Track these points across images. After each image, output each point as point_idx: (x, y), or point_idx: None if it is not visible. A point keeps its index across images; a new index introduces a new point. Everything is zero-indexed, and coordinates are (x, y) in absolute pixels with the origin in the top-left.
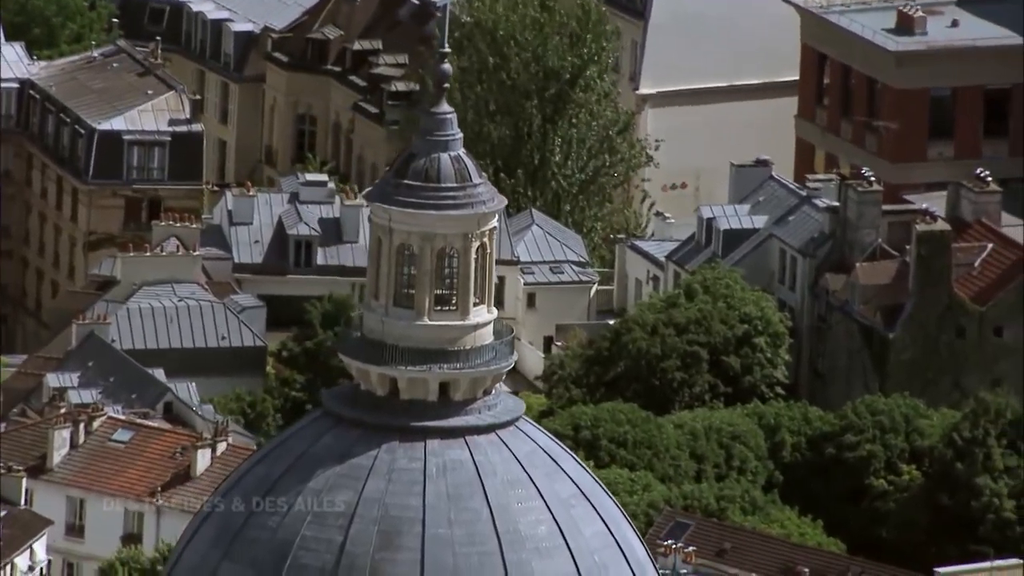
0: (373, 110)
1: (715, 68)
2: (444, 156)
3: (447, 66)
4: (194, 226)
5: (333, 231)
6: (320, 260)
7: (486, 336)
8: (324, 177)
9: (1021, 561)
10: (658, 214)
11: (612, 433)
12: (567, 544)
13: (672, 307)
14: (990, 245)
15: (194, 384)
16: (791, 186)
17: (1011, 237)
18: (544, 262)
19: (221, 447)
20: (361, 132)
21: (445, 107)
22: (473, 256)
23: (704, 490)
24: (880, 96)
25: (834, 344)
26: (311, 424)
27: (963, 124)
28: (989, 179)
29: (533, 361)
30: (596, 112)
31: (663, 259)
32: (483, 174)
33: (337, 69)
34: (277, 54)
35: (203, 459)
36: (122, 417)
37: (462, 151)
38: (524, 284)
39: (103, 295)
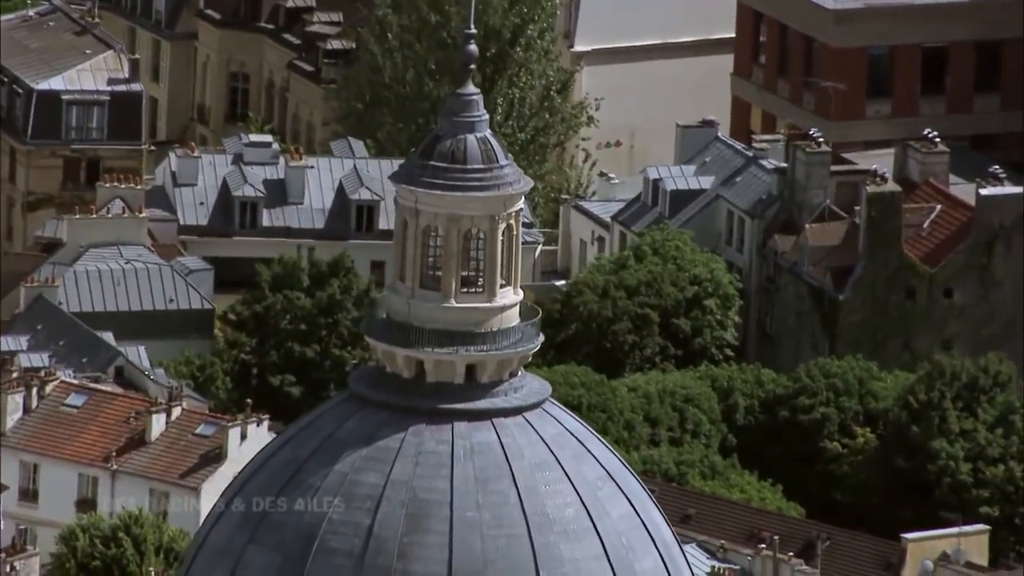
0: (309, 68)
1: (650, 25)
2: (471, 137)
3: (473, 47)
4: (139, 187)
5: (278, 192)
6: (266, 222)
7: (512, 318)
8: (268, 138)
9: (987, 527)
10: (602, 174)
11: (566, 396)
12: (595, 526)
13: (622, 269)
14: (939, 206)
15: (143, 348)
16: (737, 147)
17: (960, 198)
18: None
19: (176, 412)
20: (296, 91)
21: (471, 88)
22: (500, 238)
23: (663, 455)
24: (818, 54)
25: (783, 306)
26: (336, 407)
27: (901, 82)
28: (937, 140)
29: None
30: (537, 71)
31: (608, 220)
32: (509, 155)
33: (270, 26)
34: (209, 11)
35: (158, 424)
36: (75, 382)
37: (488, 132)
38: None
39: (49, 257)
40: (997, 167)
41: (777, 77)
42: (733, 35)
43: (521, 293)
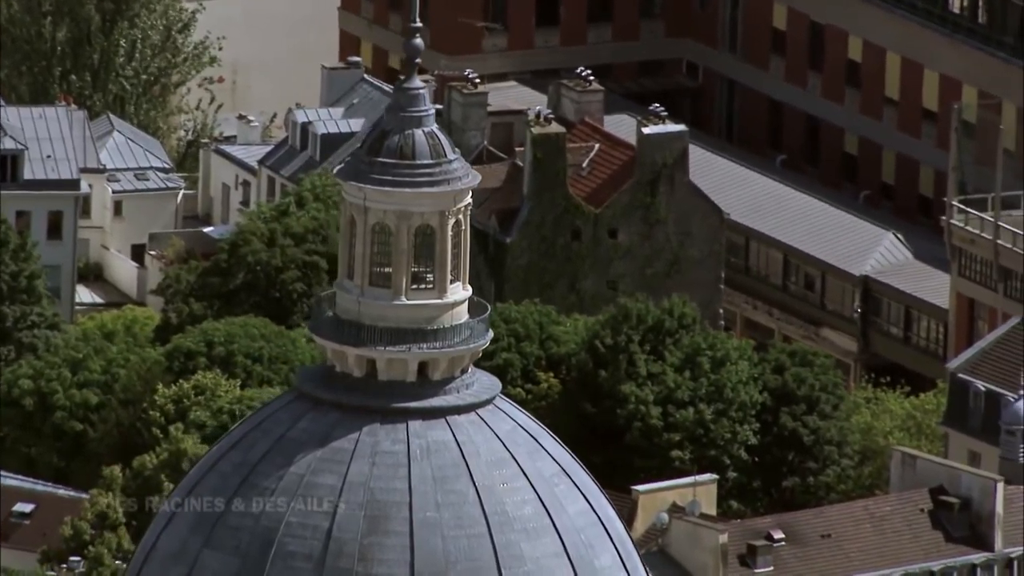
0: None
1: None
2: (418, 132)
3: (419, 41)
4: None
5: None
6: None
7: (462, 314)
8: None
9: (716, 476)
10: (241, 117)
11: (247, 349)
12: (553, 524)
13: (284, 216)
14: (597, 145)
15: None
16: (385, 88)
17: (619, 137)
18: (128, 169)
19: None
20: None
21: (417, 82)
22: (450, 233)
23: None
24: None
25: None
26: (286, 407)
27: (516, 15)
28: (592, 78)
29: (125, 271)
30: (159, 11)
31: (254, 164)
32: (457, 150)
33: None
34: None
35: None
36: None
37: (435, 127)
38: (112, 193)
39: None
40: (657, 105)
41: (389, 11)
42: None
43: (470, 289)
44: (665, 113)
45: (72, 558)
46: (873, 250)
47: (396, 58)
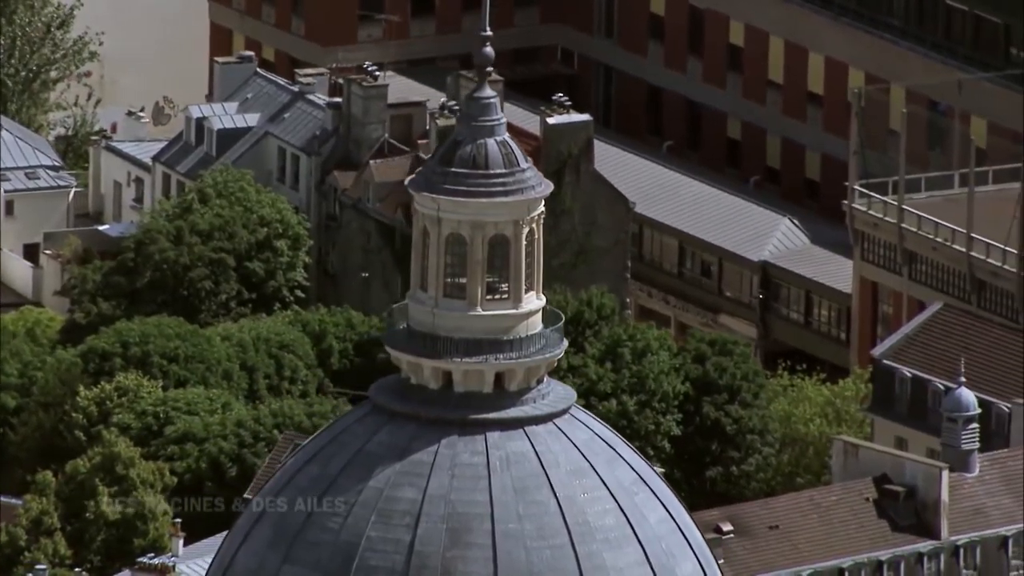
0: None
1: None
2: (491, 141)
3: (489, 50)
4: None
5: None
6: None
7: (537, 323)
8: None
9: (661, 469)
10: (130, 113)
11: (163, 348)
12: (635, 533)
13: (187, 213)
14: None
15: None
16: (280, 82)
17: (524, 128)
18: (18, 168)
19: None
20: None
21: (488, 91)
22: (524, 242)
23: (292, 407)
24: None
25: (346, 243)
26: (362, 420)
27: (391, 4)
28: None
29: (20, 272)
30: (37, 7)
31: (148, 160)
32: (529, 159)
33: None
34: None
35: None
36: None
37: (507, 135)
38: (3, 192)
39: None
40: (561, 95)
41: (261, 2)
42: None
43: (544, 298)
44: (569, 103)
45: (38, 567)
46: (770, 235)
47: (270, 50)
